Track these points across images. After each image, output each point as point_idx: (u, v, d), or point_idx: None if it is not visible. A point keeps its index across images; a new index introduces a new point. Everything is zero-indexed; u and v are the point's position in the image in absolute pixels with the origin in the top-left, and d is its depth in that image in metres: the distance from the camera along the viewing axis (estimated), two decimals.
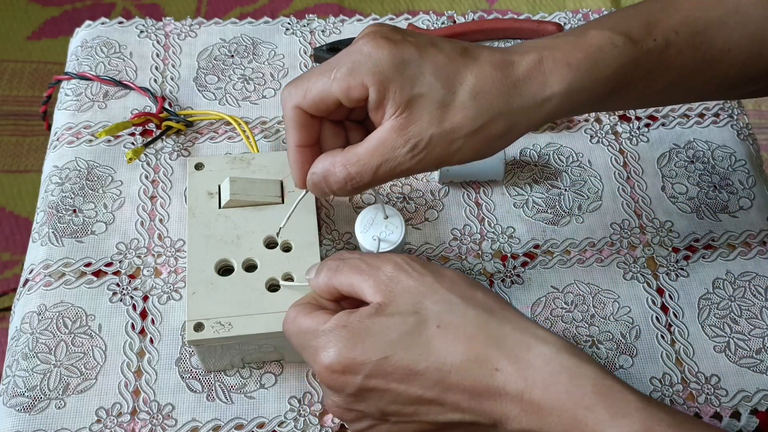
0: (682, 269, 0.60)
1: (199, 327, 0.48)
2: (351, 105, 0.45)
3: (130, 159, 0.60)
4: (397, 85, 0.43)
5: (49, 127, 0.68)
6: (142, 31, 0.71)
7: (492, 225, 0.61)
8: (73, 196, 0.61)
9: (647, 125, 0.68)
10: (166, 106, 0.66)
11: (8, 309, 0.62)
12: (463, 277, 0.43)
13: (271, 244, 0.52)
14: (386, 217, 0.53)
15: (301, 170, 0.48)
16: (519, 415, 0.39)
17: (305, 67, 0.69)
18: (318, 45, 0.71)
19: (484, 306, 0.42)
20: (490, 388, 0.39)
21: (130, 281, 0.57)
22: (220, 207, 0.53)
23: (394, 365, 0.40)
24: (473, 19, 0.73)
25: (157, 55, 0.70)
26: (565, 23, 0.74)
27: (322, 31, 0.72)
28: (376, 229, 0.53)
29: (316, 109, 0.45)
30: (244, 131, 0.63)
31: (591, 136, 0.67)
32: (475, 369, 0.40)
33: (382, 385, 0.41)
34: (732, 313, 0.58)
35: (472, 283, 0.43)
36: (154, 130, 0.65)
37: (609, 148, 0.66)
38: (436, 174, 0.62)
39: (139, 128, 0.65)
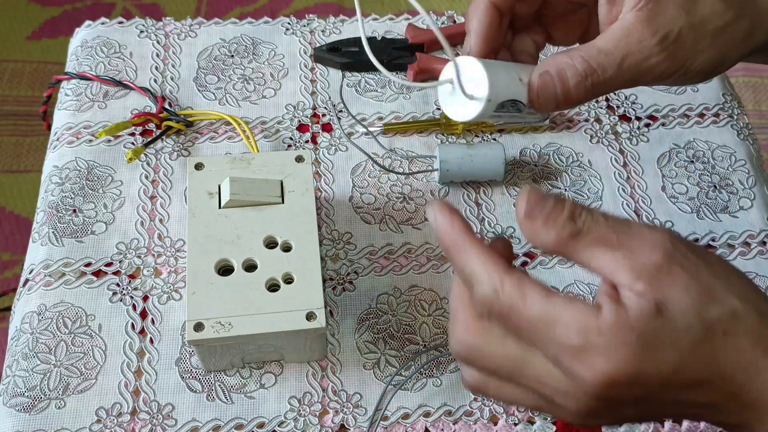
0: None
1: (199, 327, 0.48)
2: None
3: (130, 159, 0.60)
4: None
5: (49, 127, 0.68)
6: (142, 31, 0.71)
7: (492, 225, 0.61)
8: (73, 196, 0.61)
9: (647, 125, 0.68)
10: (166, 106, 0.66)
11: (8, 309, 0.61)
12: (730, 267, 0.37)
13: (271, 244, 0.52)
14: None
15: (487, 33, 0.43)
16: None
17: (305, 67, 0.69)
18: (318, 45, 0.71)
19: (760, 310, 0.36)
20: (759, 400, 0.35)
21: (130, 281, 0.57)
22: (220, 207, 0.53)
23: (683, 378, 0.34)
24: None
25: (157, 55, 0.70)
26: None
27: (322, 31, 0.72)
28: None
29: None
30: (244, 131, 0.63)
31: (591, 136, 0.67)
32: (753, 379, 0.35)
33: (662, 396, 0.35)
34: None
35: (738, 272, 0.37)
36: (154, 130, 0.65)
37: (609, 148, 0.66)
38: (436, 174, 0.63)
39: (139, 128, 0.65)
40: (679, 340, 0.34)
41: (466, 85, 0.41)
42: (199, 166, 0.55)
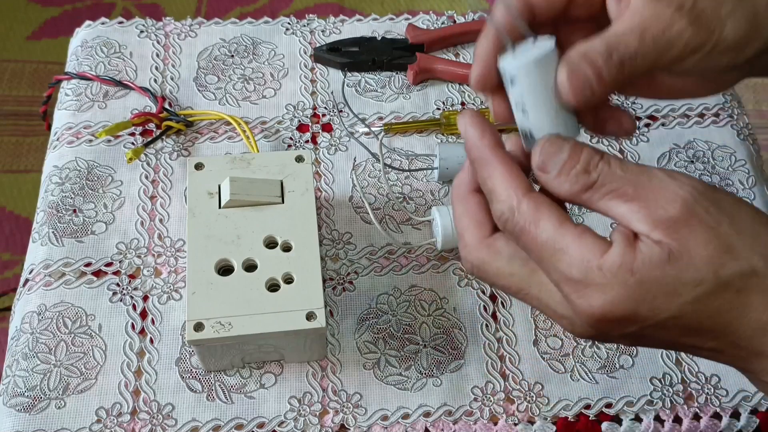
0: None
1: (199, 327, 0.48)
2: None
3: (130, 159, 0.60)
4: None
5: (49, 127, 0.68)
6: (142, 31, 0.71)
7: None
8: (73, 196, 0.61)
9: (647, 125, 0.68)
10: (166, 106, 0.66)
11: (8, 309, 0.61)
12: (757, 215, 0.36)
13: (271, 244, 0.52)
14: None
15: (486, 62, 0.39)
16: None
17: (305, 67, 0.69)
18: (318, 45, 0.71)
19: None
20: (766, 353, 0.35)
21: (130, 281, 0.57)
22: (220, 207, 0.53)
23: (682, 324, 0.35)
24: (473, 19, 0.73)
25: (157, 55, 0.70)
26: None
27: (322, 31, 0.72)
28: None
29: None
30: (244, 131, 0.63)
31: (591, 136, 0.66)
32: (761, 336, 0.35)
33: (655, 334, 0.36)
34: None
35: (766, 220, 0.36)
36: (154, 130, 0.65)
37: (609, 148, 0.66)
38: (435, 173, 0.62)
39: (139, 128, 0.65)
40: (684, 291, 0.34)
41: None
42: (199, 166, 0.55)
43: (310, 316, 0.49)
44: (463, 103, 0.68)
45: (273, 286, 0.50)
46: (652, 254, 0.34)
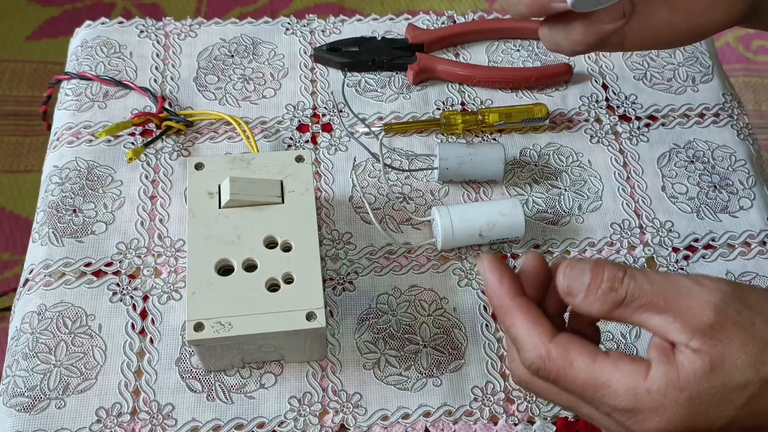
0: (682, 269, 0.60)
1: (199, 327, 0.48)
2: None
3: (130, 159, 0.60)
4: None
5: (49, 127, 0.68)
6: (142, 31, 0.71)
7: None
8: (73, 196, 0.61)
9: (647, 125, 0.68)
10: (166, 106, 0.66)
11: (8, 309, 0.62)
12: None
13: (271, 244, 0.52)
14: None
15: None
16: None
17: (305, 67, 0.69)
18: (318, 45, 0.71)
19: None
20: None
21: (130, 281, 0.57)
22: (220, 207, 0.53)
23: (736, 426, 0.35)
24: (473, 19, 0.73)
25: (157, 55, 0.70)
26: None
27: (322, 31, 0.72)
28: None
29: None
30: (244, 131, 0.63)
31: (591, 136, 0.67)
32: None
33: None
34: None
35: None
36: (154, 130, 0.65)
37: (609, 148, 0.66)
38: (435, 173, 0.63)
39: (139, 128, 0.65)
40: (733, 397, 0.35)
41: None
42: (199, 166, 0.55)
43: (310, 316, 0.49)
44: (463, 103, 0.68)
45: (273, 286, 0.50)
46: (695, 366, 0.35)
